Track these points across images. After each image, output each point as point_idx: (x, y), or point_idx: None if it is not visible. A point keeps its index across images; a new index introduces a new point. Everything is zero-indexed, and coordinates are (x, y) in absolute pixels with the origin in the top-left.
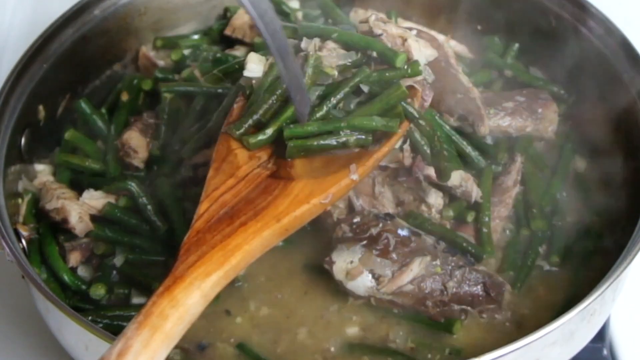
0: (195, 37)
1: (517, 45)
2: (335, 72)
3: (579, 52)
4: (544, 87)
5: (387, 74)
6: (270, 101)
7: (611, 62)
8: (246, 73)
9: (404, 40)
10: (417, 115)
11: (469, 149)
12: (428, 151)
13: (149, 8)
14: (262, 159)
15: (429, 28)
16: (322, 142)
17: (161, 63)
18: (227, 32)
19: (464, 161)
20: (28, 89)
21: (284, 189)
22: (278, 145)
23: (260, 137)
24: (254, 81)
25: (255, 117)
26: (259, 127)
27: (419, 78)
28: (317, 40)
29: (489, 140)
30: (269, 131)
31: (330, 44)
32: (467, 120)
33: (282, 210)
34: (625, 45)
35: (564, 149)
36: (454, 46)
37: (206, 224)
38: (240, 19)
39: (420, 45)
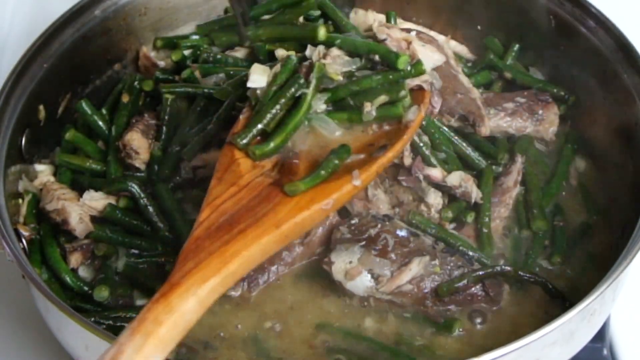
0: (196, 37)
1: (517, 45)
2: (341, 78)
3: (579, 52)
4: (544, 89)
5: (390, 76)
6: (274, 110)
7: (611, 62)
8: (250, 84)
9: (409, 43)
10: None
11: (469, 150)
12: (427, 153)
13: (149, 8)
14: (265, 167)
15: (429, 29)
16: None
17: (161, 63)
18: None
19: (464, 162)
20: (28, 89)
21: (285, 196)
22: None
23: (266, 147)
24: (258, 91)
25: (259, 126)
26: (264, 136)
27: (425, 77)
28: (321, 48)
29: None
30: (275, 142)
31: (335, 51)
32: (468, 121)
33: (282, 216)
34: (625, 45)
35: (564, 149)
36: (454, 47)
37: (205, 231)
38: None
39: (427, 50)
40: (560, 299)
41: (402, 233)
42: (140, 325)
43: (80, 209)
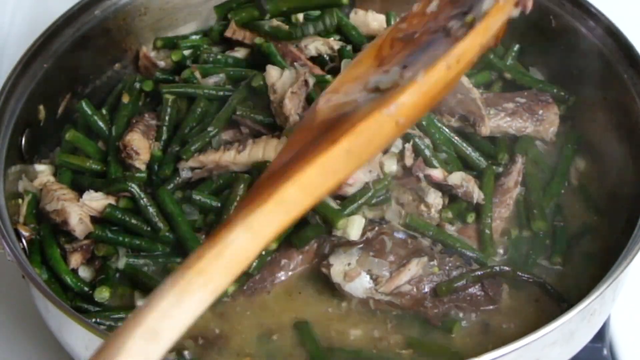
0: (196, 37)
1: (517, 45)
2: None
3: (579, 52)
4: (544, 89)
5: None
6: None
7: (611, 62)
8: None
9: None
10: None
11: (469, 150)
12: (429, 155)
13: (149, 8)
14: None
15: None
16: None
17: (161, 64)
18: (228, 34)
19: (465, 162)
20: (28, 89)
21: (347, 116)
22: None
23: None
24: None
25: None
26: None
27: None
28: None
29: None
30: None
31: None
32: (468, 121)
33: (341, 132)
34: (625, 45)
35: (564, 149)
36: None
37: (267, 175)
38: None
39: None
40: (559, 300)
41: (399, 235)
42: (183, 263)
43: (80, 210)
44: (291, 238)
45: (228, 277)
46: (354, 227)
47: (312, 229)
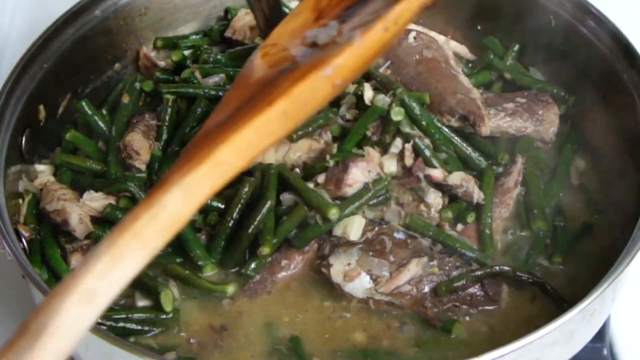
0: (196, 37)
1: (517, 45)
2: None
3: (579, 52)
4: (544, 89)
5: None
6: None
7: (611, 62)
8: None
9: None
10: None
11: (469, 150)
12: (429, 155)
13: (149, 8)
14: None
15: (429, 29)
16: None
17: (162, 63)
18: (228, 34)
19: (464, 162)
20: (28, 89)
21: (284, 76)
22: None
23: None
24: None
25: None
26: None
27: None
28: None
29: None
30: None
31: None
32: (468, 121)
33: (277, 94)
34: (625, 45)
35: (564, 149)
36: (454, 47)
37: (202, 133)
38: (241, 21)
39: None
40: (559, 300)
41: (399, 235)
42: (118, 225)
43: (81, 210)
44: (291, 239)
45: (163, 239)
46: (354, 227)
47: (312, 230)
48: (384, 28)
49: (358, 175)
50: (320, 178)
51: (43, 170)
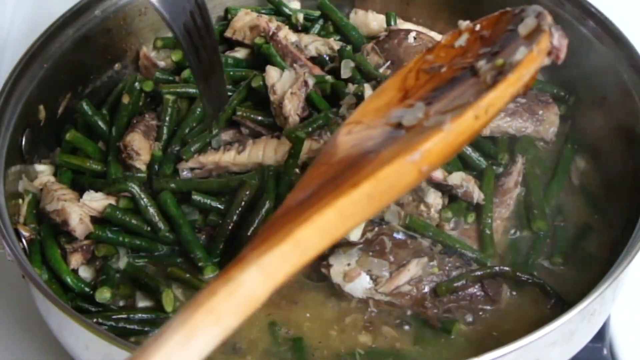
0: None
1: None
2: None
3: (579, 52)
4: (544, 89)
5: None
6: None
7: (611, 62)
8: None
9: None
10: None
11: (469, 150)
12: None
13: (149, 8)
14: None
15: (429, 29)
16: None
17: (162, 64)
18: (228, 34)
19: (464, 162)
20: (28, 89)
21: (369, 158)
22: None
23: None
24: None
25: None
26: None
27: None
28: None
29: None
30: None
31: None
32: None
33: (362, 175)
34: (625, 45)
35: (564, 149)
36: None
37: (284, 210)
38: (241, 22)
39: None
40: (558, 300)
41: (399, 236)
42: (193, 300)
43: (81, 210)
44: None
45: (238, 317)
46: None
47: None
48: (474, 116)
49: None
50: None
51: (43, 170)
